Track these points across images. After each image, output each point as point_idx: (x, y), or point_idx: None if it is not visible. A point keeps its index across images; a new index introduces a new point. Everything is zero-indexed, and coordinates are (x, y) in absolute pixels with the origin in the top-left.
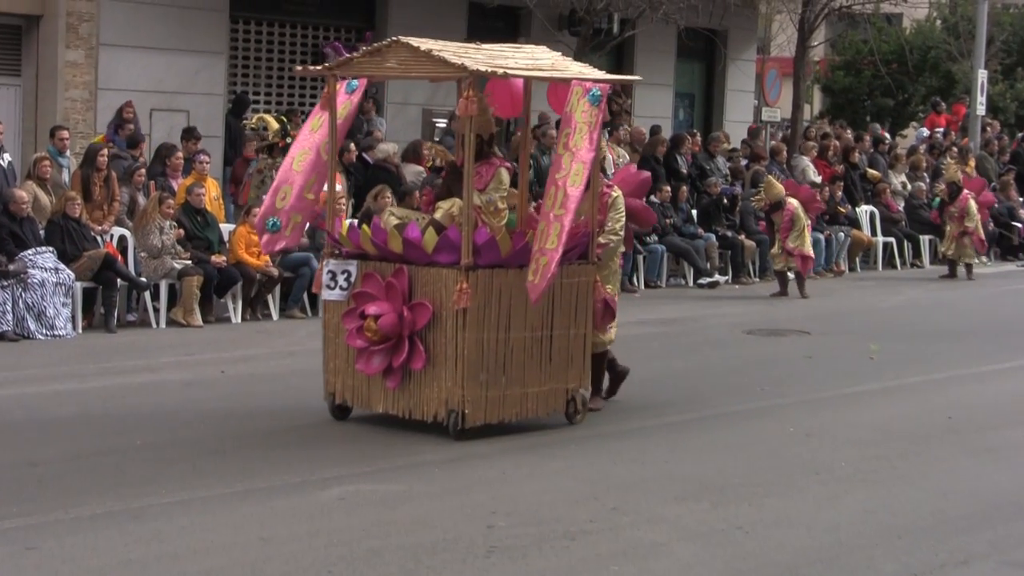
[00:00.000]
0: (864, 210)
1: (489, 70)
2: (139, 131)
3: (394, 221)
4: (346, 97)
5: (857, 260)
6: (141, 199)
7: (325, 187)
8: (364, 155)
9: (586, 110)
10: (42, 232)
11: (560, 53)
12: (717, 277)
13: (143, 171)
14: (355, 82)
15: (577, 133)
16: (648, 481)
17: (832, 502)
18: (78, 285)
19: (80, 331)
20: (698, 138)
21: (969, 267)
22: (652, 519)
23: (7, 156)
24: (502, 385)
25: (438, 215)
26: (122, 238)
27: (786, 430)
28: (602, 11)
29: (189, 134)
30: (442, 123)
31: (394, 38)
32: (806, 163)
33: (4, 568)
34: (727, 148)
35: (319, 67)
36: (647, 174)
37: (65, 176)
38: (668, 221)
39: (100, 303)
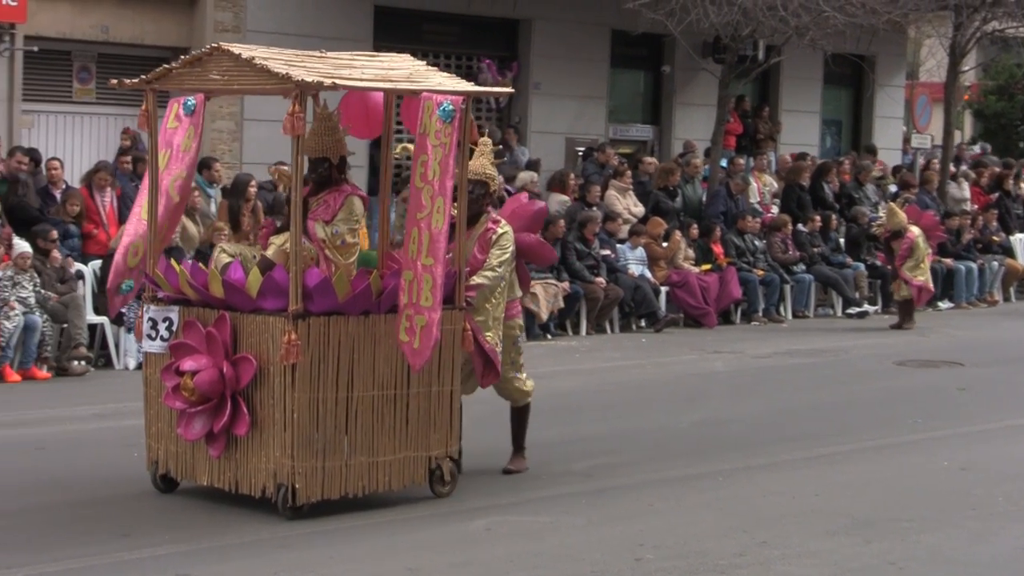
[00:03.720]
0: (1018, 238)
1: (315, 80)
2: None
3: (225, 259)
4: (187, 121)
5: (1011, 290)
6: None
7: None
8: (507, 186)
9: (439, 130)
10: (190, 262)
11: (426, 63)
12: (866, 307)
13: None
14: (192, 100)
15: (433, 160)
16: (797, 515)
17: (988, 538)
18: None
19: None
20: (846, 165)
21: None
22: (803, 554)
23: None
24: (343, 454)
25: (270, 252)
26: None
27: (940, 464)
28: (747, 38)
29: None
30: (581, 150)
31: (214, 44)
32: (959, 190)
33: None
34: (876, 176)
35: (135, 80)
36: (541, 205)
37: (212, 206)
38: (816, 250)
39: None
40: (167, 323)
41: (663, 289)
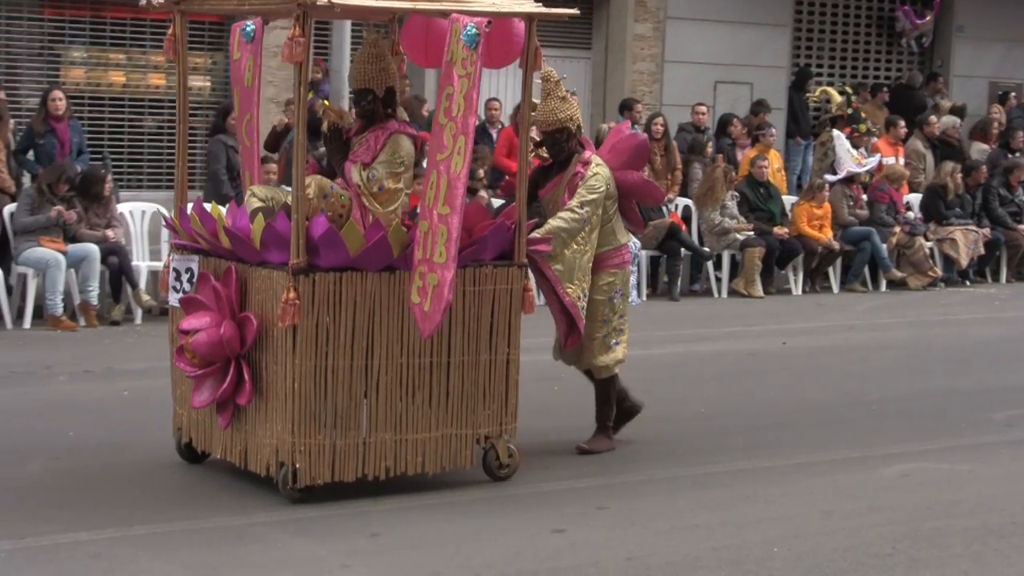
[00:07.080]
0: None
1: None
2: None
3: (255, 203)
4: (247, 49)
5: None
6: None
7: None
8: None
9: (465, 57)
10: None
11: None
12: None
13: (710, 144)
14: (251, 25)
15: (459, 93)
16: None
17: None
18: (643, 253)
19: (644, 299)
20: None
21: None
22: None
23: None
24: (360, 430)
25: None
26: (686, 208)
27: None
28: None
29: (759, 106)
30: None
31: None
32: None
33: (582, 521)
34: None
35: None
36: (642, 137)
37: None
38: None
39: (664, 271)
40: (188, 274)
41: None
